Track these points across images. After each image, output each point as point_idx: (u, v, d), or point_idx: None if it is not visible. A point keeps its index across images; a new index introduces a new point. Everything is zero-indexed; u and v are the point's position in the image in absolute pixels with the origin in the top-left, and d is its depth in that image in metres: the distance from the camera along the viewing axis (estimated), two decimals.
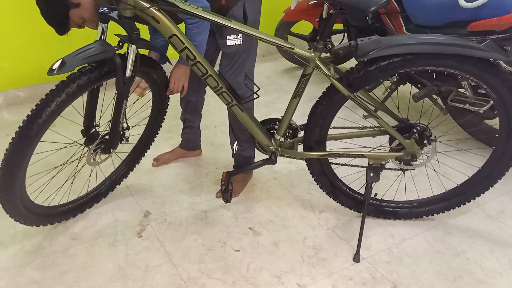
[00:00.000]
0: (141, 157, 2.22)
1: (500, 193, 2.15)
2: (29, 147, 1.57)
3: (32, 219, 1.80)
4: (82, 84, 1.58)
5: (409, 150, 1.77)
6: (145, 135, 2.17)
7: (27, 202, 1.74)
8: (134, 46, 1.61)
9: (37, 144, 1.60)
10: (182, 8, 1.52)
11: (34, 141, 1.57)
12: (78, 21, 1.63)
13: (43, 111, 1.54)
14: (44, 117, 1.54)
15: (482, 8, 2.07)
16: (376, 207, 1.99)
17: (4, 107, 3.01)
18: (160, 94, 2.01)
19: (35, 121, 1.54)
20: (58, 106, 1.55)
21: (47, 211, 1.88)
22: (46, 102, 1.55)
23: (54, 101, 1.55)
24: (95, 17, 1.64)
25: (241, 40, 1.81)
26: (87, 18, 1.64)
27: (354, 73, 1.62)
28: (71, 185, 2.04)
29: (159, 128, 2.17)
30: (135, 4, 1.51)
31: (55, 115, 1.57)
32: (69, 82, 1.57)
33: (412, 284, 1.69)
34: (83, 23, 1.66)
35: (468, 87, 2.26)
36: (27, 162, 1.61)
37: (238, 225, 1.98)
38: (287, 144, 1.85)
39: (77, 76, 1.58)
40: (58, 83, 1.58)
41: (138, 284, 1.69)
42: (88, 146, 1.86)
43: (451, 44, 1.54)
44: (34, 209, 1.79)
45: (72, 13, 1.60)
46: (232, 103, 1.74)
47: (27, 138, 1.54)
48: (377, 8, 1.51)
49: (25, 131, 1.54)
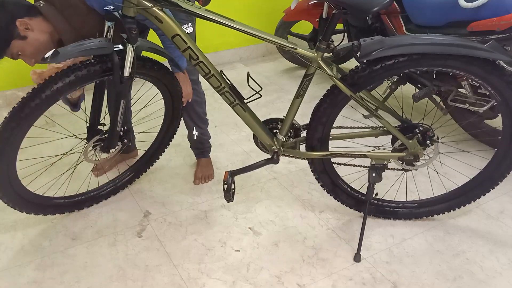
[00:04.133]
0: (149, 166, 2.22)
1: (500, 193, 2.15)
2: (19, 128, 1.58)
3: (21, 204, 1.79)
4: (80, 75, 1.59)
5: (412, 150, 1.77)
6: (156, 144, 2.17)
7: (17, 185, 1.74)
8: (131, 46, 1.61)
9: (30, 128, 1.62)
10: (184, 8, 1.52)
11: (25, 124, 1.58)
12: (15, 52, 1.64)
13: (38, 95, 1.55)
14: (38, 101, 1.56)
15: (482, 8, 2.07)
16: (376, 206, 1.99)
17: (4, 107, 3.00)
18: (172, 103, 2.01)
19: (28, 103, 1.56)
20: (54, 92, 1.57)
21: (40, 200, 1.87)
22: (42, 87, 1.56)
23: (50, 87, 1.56)
24: (35, 55, 1.64)
25: (192, 29, 1.91)
26: (28, 53, 1.64)
27: (360, 72, 1.61)
28: (69, 180, 2.04)
29: (171, 139, 2.16)
30: (138, 3, 1.51)
31: (49, 101, 1.59)
32: (68, 71, 1.59)
33: (412, 284, 1.69)
34: (19, 56, 1.66)
35: (468, 87, 2.27)
36: (18, 143, 1.62)
37: (238, 225, 1.98)
38: (290, 143, 1.85)
39: (77, 68, 1.59)
40: (58, 72, 1.59)
41: (138, 284, 1.68)
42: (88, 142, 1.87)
43: (454, 44, 1.54)
44: (25, 194, 1.79)
45: (14, 44, 1.61)
46: (234, 103, 1.74)
47: (18, 119, 1.56)
48: (380, 8, 1.51)
49: (17, 112, 1.56)
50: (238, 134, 2.71)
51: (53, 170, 2.04)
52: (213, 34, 3.36)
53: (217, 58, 3.73)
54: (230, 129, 2.76)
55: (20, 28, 1.60)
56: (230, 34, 2.08)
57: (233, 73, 3.52)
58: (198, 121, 2.22)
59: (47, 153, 2.08)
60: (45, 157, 2.07)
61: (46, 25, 1.65)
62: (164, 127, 2.11)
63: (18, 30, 1.60)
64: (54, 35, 1.68)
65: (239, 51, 3.86)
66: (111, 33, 1.62)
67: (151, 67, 1.79)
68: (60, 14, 1.64)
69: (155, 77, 1.84)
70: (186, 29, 1.90)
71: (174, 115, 2.06)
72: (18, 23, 1.60)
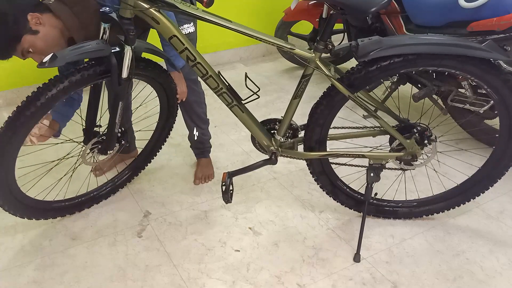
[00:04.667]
0: (146, 163, 2.23)
1: (500, 193, 2.15)
2: (16, 137, 1.58)
3: (22, 210, 1.79)
4: (75, 80, 1.58)
5: (410, 150, 1.77)
6: (152, 142, 2.18)
7: (17, 192, 1.74)
8: (129, 47, 1.60)
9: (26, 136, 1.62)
10: (181, 9, 1.52)
11: (21, 132, 1.58)
12: (26, 48, 1.61)
13: (33, 103, 1.55)
14: (33, 109, 1.55)
15: (482, 8, 2.07)
16: (376, 206, 1.99)
17: (4, 107, 3.01)
18: (168, 102, 2.01)
19: (23, 112, 1.55)
20: (49, 100, 1.56)
21: (40, 205, 1.87)
22: (37, 95, 1.55)
23: (45, 94, 1.55)
24: (46, 50, 1.60)
25: (193, 28, 1.92)
26: (38, 48, 1.61)
27: (355, 73, 1.62)
28: (69, 183, 2.05)
29: (167, 136, 2.16)
30: (135, 4, 1.51)
31: (45, 109, 1.58)
32: (61, 77, 1.57)
33: (412, 284, 1.69)
34: (29, 54, 1.63)
35: (468, 87, 2.27)
36: (15, 151, 1.62)
37: (238, 225, 1.98)
38: (288, 144, 1.85)
39: (71, 73, 1.58)
40: (51, 78, 1.57)
41: (138, 284, 1.69)
42: (85, 145, 1.87)
43: (452, 44, 1.54)
44: (25, 201, 1.79)
45: (25, 39, 1.58)
46: (232, 104, 1.74)
47: (14, 127, 1.56)
48: (378, 9, 1.51)
49: (13, 121, 1.55)
50: (238, 134, 2.71)
51: (52, 174, 2.04)
52: (212, 34, 3.36)
53: (217, 58, 3.73)
54: (230, 129, 2.76)
55: (31, 22, 1.58)
56: (229, 34, 2.07)
57: (232, 73, 3.52)
58: (199, 121, 2.23)
59: (45, 159, 2.08)
60: (43, 163, 2.06)
61: (56, 21, 1.63)
62: (160, 124, 2.12)
63: (29, 24, 1.57)
64: (64, 32, 1.66)
65: (239, 51, 3.87)
66: (107, 35, 1.61)
67: (146, 67, 1.79)
68: (69, 10, 1.62)
69: (150, 77, 1.84)
70: (188, 28, 1.90)
71: (169, 113, 2.06)
72: (30, 17, 1.58)
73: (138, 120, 2.31)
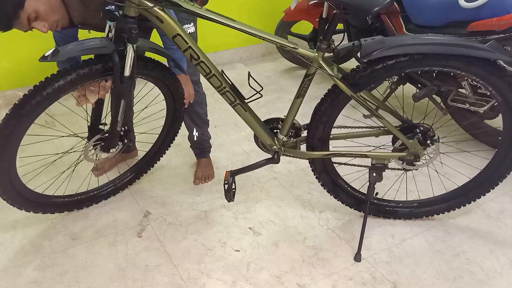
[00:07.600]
0: (149, 167, 2.22)
1: (500, 193, 2.15)
2: (20, 125, 1.58)
3: (21, 201, 1.79)
4: (82, 73, 1.60)
5: (412, 150, 1.77)
6: (157, 145, 2.17)
7: (17, 182, 1.74)
8: (131, 45, 1.61)
9: (30, 125, 1.62)
10: (186, 8, 1.52)
11: (26, 121, 1.59)
12: (31, 12, 1.54)
13: (39, 92, 1.56)
14: (39, 98, 1.56)
15: (482, 8, 2.07)
16: (376, 206, 1.99)
17: (4, 107, 3.00)
18: (174, 104, 2.01)
19: (29, 101, 1.56)
20: (55, 90, 1.57)
21: (39, 198, 1.87)
22: (44, 85, 1.57)
23: (52, 85, 1.56)
24: (50, 15, 1.57)
25: (194, 29, 1.92)
26: (42, 13, 1.55)
27: (361, 71, 1.61)
28: (70, 178, 2.04)
29: (171, 141, 2.16)
30: (139, 3, 1.51)
31: (50, 99, 1.59)
32: (70, 70, 1.59)
33: (412, 284, 1.69)
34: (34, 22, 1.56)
35: (468, 87, 2.27)
36: (18, 140, 1.63)
37: (238, 225, 1.98)
38: (290, 143, 1.85)
39: (79, 66, 1.60)
40: (60, 69, 1.59)
41: (138, 284, 1.68)
42: (89, 141, 1.87)
43: (454, 44, 1.54)
44: (24, 192, 1.79)
45: (28, 4, 1.52)
46: (235, 103, 1.74)
47: (19, 116, 1.57)
48: (381, 9, 1.51)
49: (18, 109, 1.56)
50: (238, 134, 2.71)
51: (53, 169, 2.04)
52: (213, 34, 3.36)
53: (217, 58, 3.73)
54: (230, 129, 2.76)
55: None
56: (230, 34, 2.08)
57: (233, 73, 3.52)
58: (199, 122, 2.23)
59: (47, 152, 2.09)
60: (45, 155, 2.07)
61: None
62: (165, 128, 2.11)
63: None
64: None
65: (239, 51, 3.86)
66: (112, 33, 1.62)
67: (153, 67, 1.79)
68: None
69: (157, 78, 1.84)
70: (188, 29, 1.90)
71: (175, 116, 2.06)
72: None
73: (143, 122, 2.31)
